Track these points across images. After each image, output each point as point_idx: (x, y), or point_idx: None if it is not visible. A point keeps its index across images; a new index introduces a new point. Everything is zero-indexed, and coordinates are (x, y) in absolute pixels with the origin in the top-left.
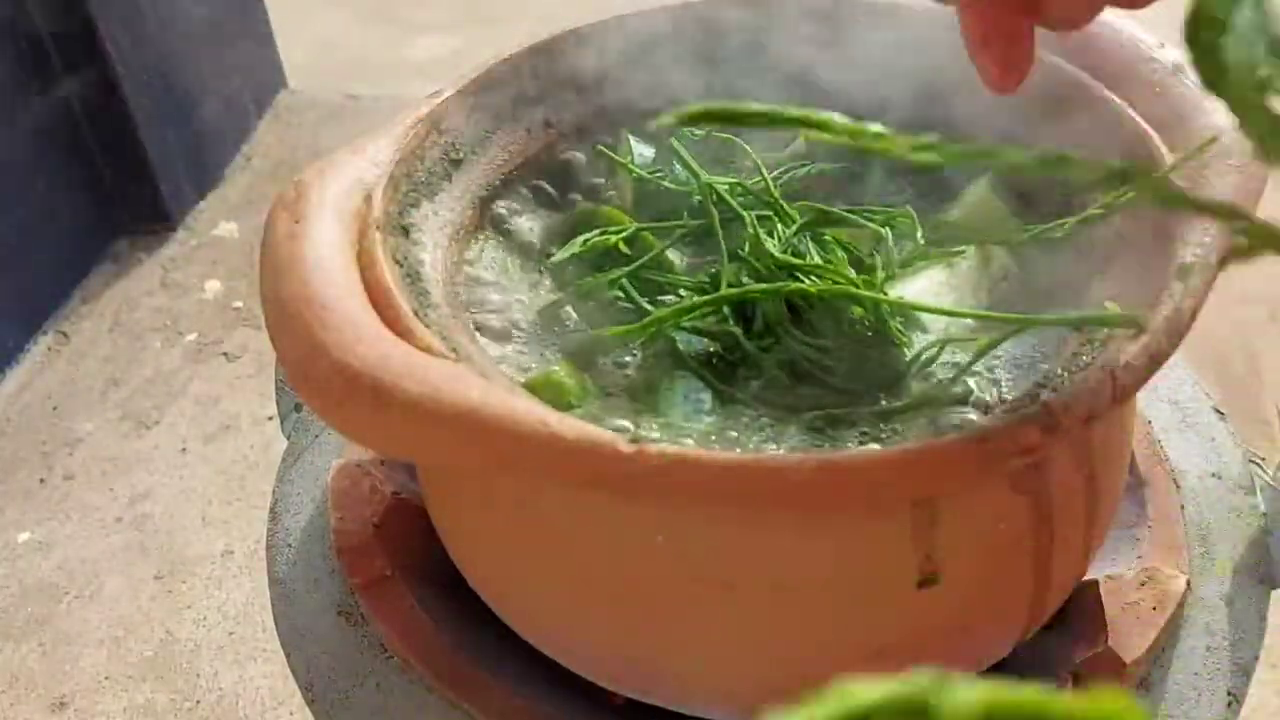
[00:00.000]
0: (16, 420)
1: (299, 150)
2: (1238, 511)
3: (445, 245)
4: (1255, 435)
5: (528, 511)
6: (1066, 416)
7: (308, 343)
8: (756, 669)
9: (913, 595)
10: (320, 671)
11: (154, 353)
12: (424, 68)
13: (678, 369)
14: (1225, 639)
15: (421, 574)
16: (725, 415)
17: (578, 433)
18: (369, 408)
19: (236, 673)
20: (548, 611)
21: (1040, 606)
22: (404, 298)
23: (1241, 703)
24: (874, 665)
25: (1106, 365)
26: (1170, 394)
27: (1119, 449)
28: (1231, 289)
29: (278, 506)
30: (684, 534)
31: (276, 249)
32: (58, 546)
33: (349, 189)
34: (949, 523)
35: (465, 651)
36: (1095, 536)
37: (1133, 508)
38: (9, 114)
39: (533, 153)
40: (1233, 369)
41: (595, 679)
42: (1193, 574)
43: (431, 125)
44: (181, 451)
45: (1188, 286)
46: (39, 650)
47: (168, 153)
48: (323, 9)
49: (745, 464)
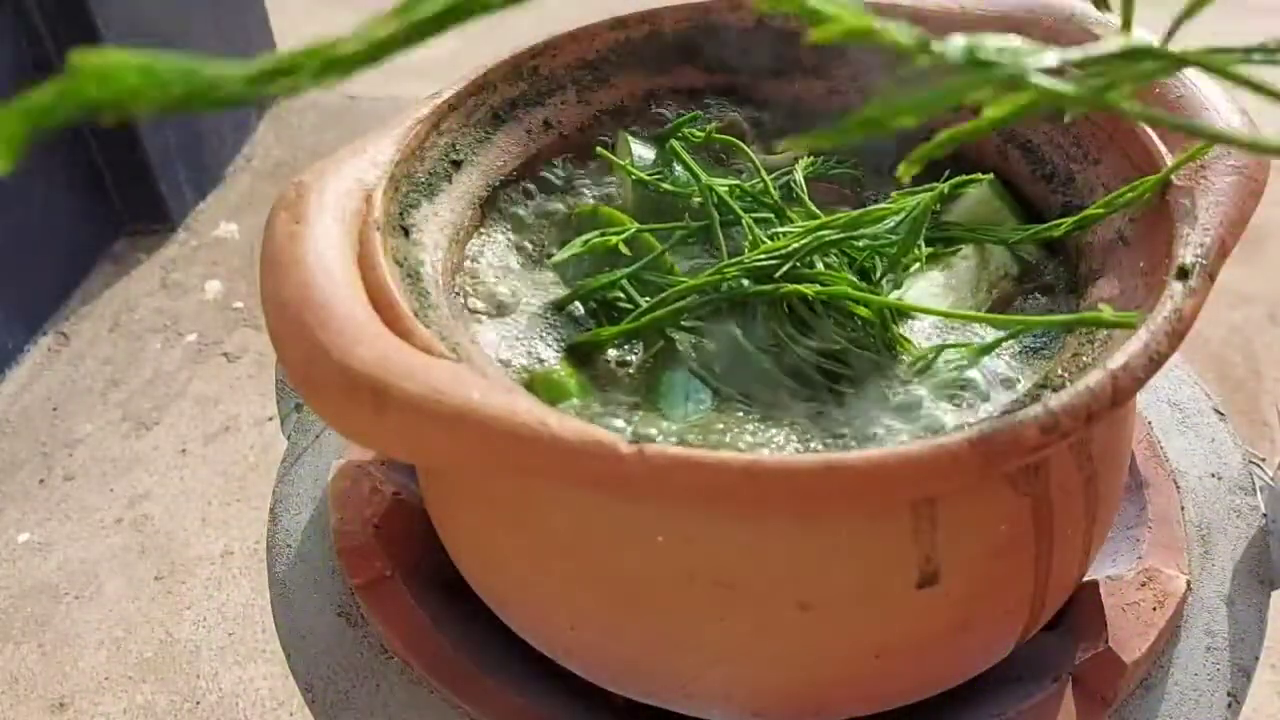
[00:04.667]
0: (16, 421)
1: (299, 151)
2: (1238, 511)
3: (445, 246)
4: (1255, 435)
5: (527, 512)
6: (1066, 416)
7: (308, 343)
8: (756, 669)
9: (913, 595)
10: (320, 672)
11: (154, 353)
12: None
13: (677, 369)
14: (1225, 639)
15: (421, 574)
16: (725, 415)
17: (578, 433)
18: (369, 408)
19: (236, 673)
20: (547, 612)
21: (1040, 607)
22: (404, 298)
23: (1242, 703)
24: (874, 665)
25: (1106, 365)
26: (1170, 394)
27: (1119, 449)
28: (1231, 289)
29: (278, 507)
30: (684, 534)
31: (277, 249)
32: (57, 547)
33: (349, 190)
34: (949, 523)
35: (465, 651)
36: (1095, 537)
37: (1133, 508)
38: None
39: (533, 154)
40: (1233, 369)
41: (595, 679)
42: (1193, 574)
43: (431, 126)
44: (181, 452)
45: (1188, 286)
46: (39, 651)
47: (168, 153)
48: (323, 9)
49: (745, 464)
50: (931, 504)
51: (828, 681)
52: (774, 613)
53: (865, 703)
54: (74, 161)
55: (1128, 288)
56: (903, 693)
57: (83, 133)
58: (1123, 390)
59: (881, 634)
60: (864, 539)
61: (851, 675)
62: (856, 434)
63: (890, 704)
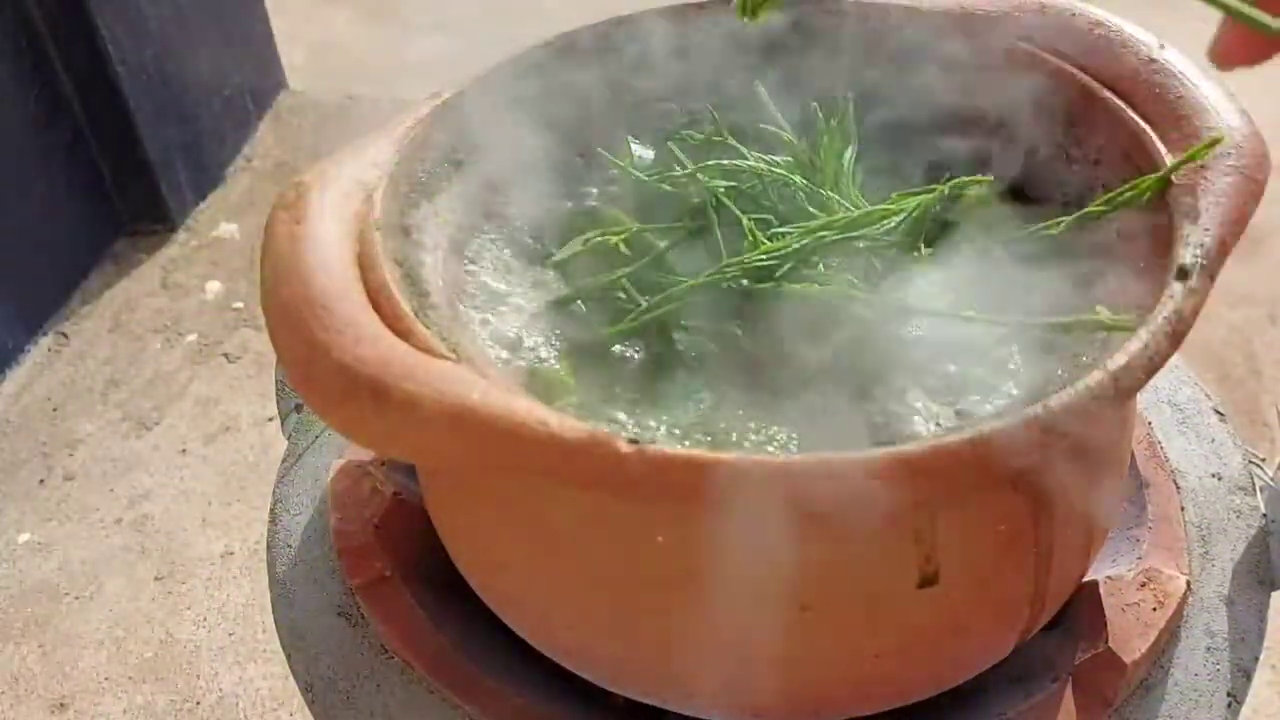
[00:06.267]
0: (16, 421)
1: (299, 151)
2: (1238, 512)
3: (445, 246)
4: (1255, 436)
5: (527, 512)
6: (1066, 417)
7: (308, 343)
8: (756, 669)
9: (913, 595)
10: (320, 672)
11: (154, 354)
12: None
13: (677, 368)
14: (1225, 639)
15: (421, 574)
16: (725, 414)
17: (578, 433)
18: (369, 408)
19: (237, 674)
20: (548, 612)
21: (1040, 607)
22: (404, 298)
23: (1242, 703)
24: (874, 665)
25: (1106, 366)
26: (1170, 395)
27: (1119, 449)
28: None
29: (278, 507)
30: (684, 534)
31: (277, 250)
32: (58, 547)
33: (349, 190)
34: (949, 523)
35: (465, 651)
36: (1095, 537)
37: (1133, 508)
38: (9, 114)
39: (533, 154)
40: (1233, 369)
41: (595, 679)
42: (1193, 575)
43: (432, 126)
44: (182, 452)
45: (1188, 286)
46: (39, 651)
47: (168, 153)
48: (323, 9)
49: (745, 464)
50: (931, 504)
51: (828, 682)
52: (774, 613)
53: (865, 703)
54: (74, 161)
55: (1128, 288)
56: (903, 693)
57: (83, 133)
58: (1123, 390)
59: (881, 634)
60: (864, 539)
61: (851, 675)
62: (857, 434)
63: (890, 704)
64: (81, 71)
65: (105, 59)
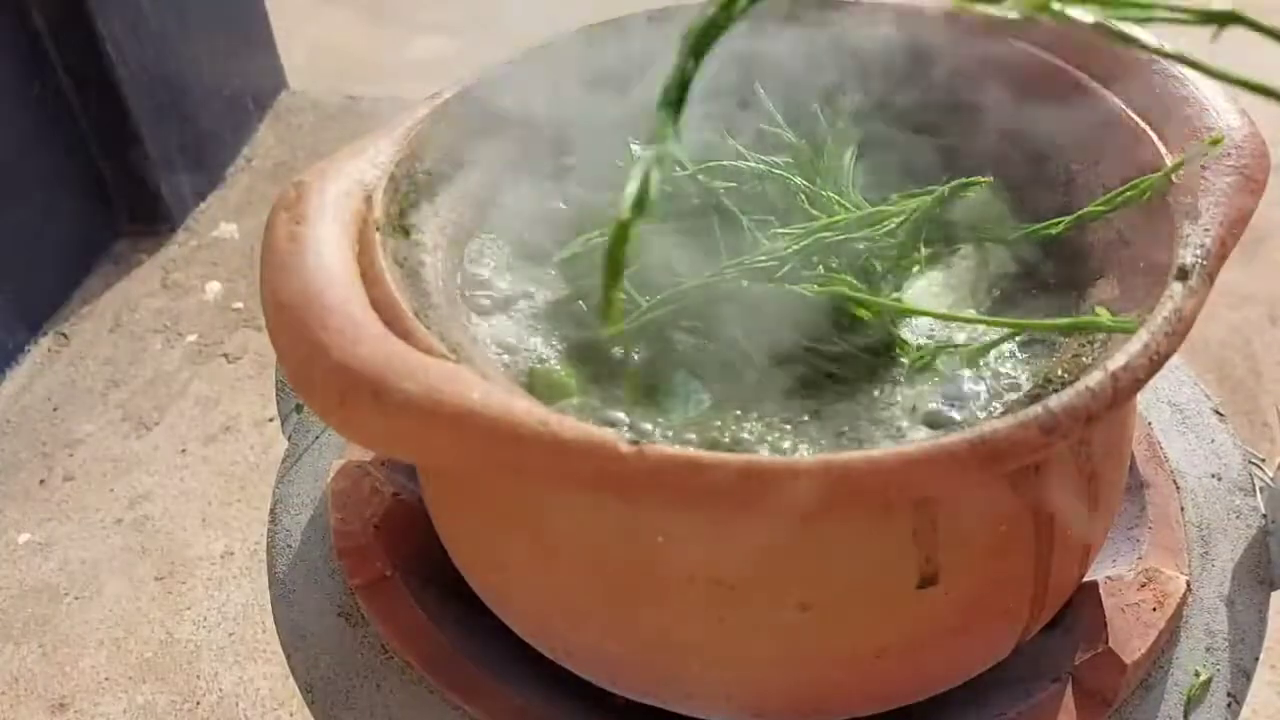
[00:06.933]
0: (16, 421)
1: (299, 151)
2: (1238, 512)
3: (445, 246)
4: (1255, 436)
5: (527, 512)
6: (1066, 417)
7: (308, 344)
8: (756, 670)
9: (913, 595)
10: (320, 672)
11: (154, 354)
12: (424, 68)
13: (677, 368)
14: (1225, 639)
15: (421, 574)
16: (724, 415)
17: (578, 433)
18: (369, 408)
19: (237, 674)
20: (548, 612)
21: (1040, 607)
22: (404, 298)
23: (1241, 704)
24: (874, 665)
25: (1107, 366)
26: (1170, 395)
27: (1119, 449)
28: (1231, 289)
29: (278, 507)
30: (684, 534)
31: (277, 250)
32: (58, 547)
33: (349, 190)
34: (949, 523)
35: (465, 651)
36: (1096, 537)
37: (1133, 508)
38: (9, 114)
39: (533, 154)
40: (1233, 370)
41: (595, 680)
42: (1193, 575)
43: (432, 126)
44: (182, 452)
45: (1188, 287)
46: (39, 651)
47: (168, 153)
48: (323, 9)
49: (744, 465)
50: (931, 504)
51: (828, 682)
52: (774, 613)
53: (865, 703)
54: (74, 161)
55: (1128, 288)
56: (903, 693)
57: (83, 133)
58: (1123, 391)
59: (881, 634)
60: (864, 539)
61: (851, 676)
62: (856, 434)
63: (890, 704)
64: (81, 71)
65: (105, 59)
